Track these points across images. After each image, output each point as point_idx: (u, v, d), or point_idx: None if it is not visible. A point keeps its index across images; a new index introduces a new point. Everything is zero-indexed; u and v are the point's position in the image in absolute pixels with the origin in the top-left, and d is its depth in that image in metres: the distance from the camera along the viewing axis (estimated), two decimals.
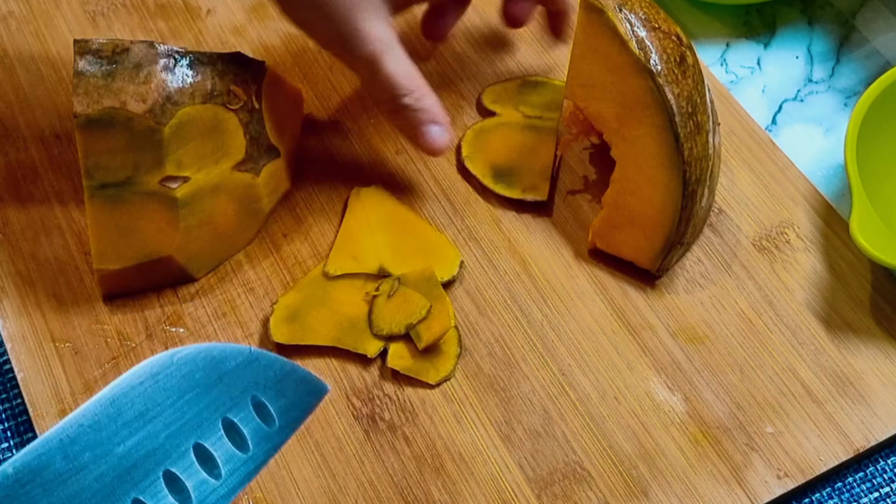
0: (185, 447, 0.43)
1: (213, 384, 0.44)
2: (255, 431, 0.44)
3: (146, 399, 0.42)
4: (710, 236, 0.63)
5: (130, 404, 0.42)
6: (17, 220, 0.64)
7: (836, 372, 0.58)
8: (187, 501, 0.42)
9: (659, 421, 0.56)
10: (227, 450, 0.43)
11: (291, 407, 0.46)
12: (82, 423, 0.41)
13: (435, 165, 0.66)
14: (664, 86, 0.56)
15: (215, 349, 0.44)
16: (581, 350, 0.59)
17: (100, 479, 0.41)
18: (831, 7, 0.75)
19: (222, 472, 0.43)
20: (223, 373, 0.44)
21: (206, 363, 0.44)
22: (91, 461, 0.41)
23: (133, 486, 0.41)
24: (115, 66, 0.55)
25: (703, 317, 0.60)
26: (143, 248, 0.58)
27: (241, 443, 0.44)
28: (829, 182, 0.66)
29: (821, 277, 0.61)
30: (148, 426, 0.42)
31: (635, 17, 0.57)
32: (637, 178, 0.59)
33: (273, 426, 0.45)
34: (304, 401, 0.47)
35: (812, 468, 0.55)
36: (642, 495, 0.54)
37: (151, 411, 0.42)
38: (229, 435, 0.44)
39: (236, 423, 0.44)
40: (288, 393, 0.46)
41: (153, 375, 0.42)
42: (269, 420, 0.45)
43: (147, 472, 0.42)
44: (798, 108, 0.70)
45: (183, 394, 0.43)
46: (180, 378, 0.43)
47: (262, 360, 0.45)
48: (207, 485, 0.43)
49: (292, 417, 0.46)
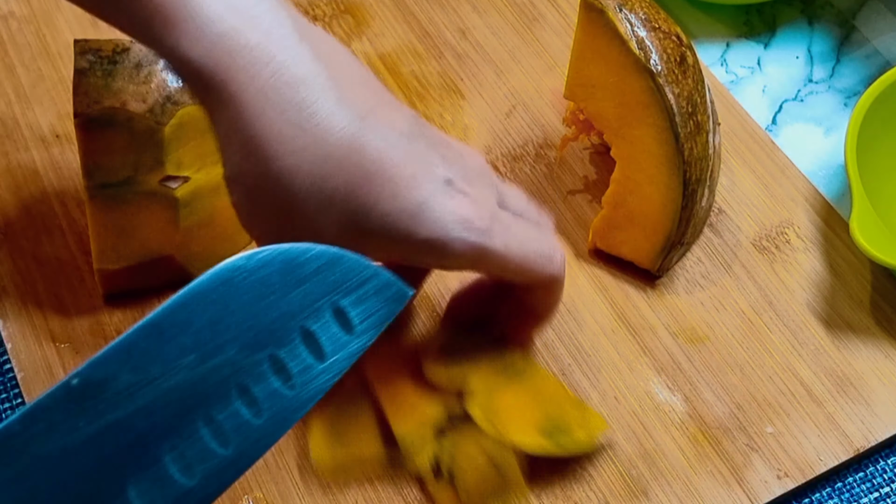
0: (260, 358, 0.40)
1: (291, 289, 0.40)
2: (332, 339, 0.41)
3: (219, 306, 0.39)
4: (711, 236, 0.63)
5: (202, 311, 0.39)
6: (17, 220, 0.64)
7: (836, 372, 0.58)
8: (260, 415, 0.39)
9: (659, 421, 0.56)
10: (303, 361, 0.40)
11: (372, 312, 0.42)
12: (150, 333, 0.38)
13: None
14: (664, 86, 0.56)
15: (296, 250, 0.40)
16: (581, 350, 0.59)
17: (169, 392, 0.38)
18: (831, 7, 0.75)
19: (296, 384, 0.40)
20: (303, 276, 0.40)
21: (284, 266, 0.40)
22: (160, 374, 0.38)
23: (203, 402, 0.38)
24: (115, 66, 0.55)
25: (704, 317, 0.60)
26: (143, 248, 0.58)
27: (318, 353, 0.41)
28: (829, 182, 0.66)
29: (821, 277, 0.61)
30: (220, 336, 0.39)
31: (635, 17, 0.56)
32: (637, 178, 0.59)
33: (352, 334, 0.41)
34: (385, 306, 0.42)
35: (812, 468, 0.55)
36: (642, 495, 0.54)
37: (224, 320, 0.39)
38: (307, 344, 0.40)
39: (314, 332, 0.40)
40: (370, 298, 0.42)
41: (227, 280, 0.39)
42: (349, 327, 0.41)
43: (218, 386, 0.39)
44: (798, 108, 0.70)
45: (258, 300, 0.39)
46: (256, 282, 0.39)
47: (346, 263, 0.41)
48: (282, 399, 0.40)
49: (372, 324, 0.42)
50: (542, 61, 0.71)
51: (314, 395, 0.41)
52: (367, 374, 0.54)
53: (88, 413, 0.37)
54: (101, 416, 0.37)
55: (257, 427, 0.40)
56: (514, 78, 0.70)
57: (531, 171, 0.66)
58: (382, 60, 0.71)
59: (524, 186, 0.65)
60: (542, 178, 0.66)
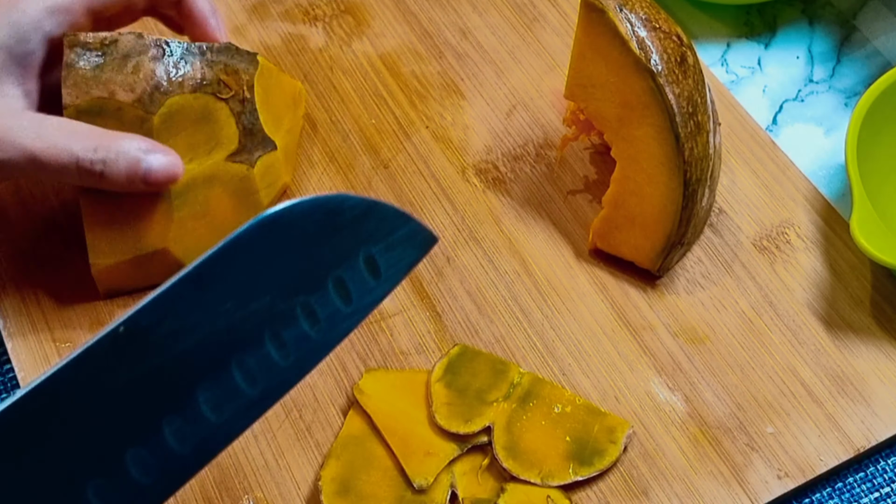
0: (293, 304, 0.41)
1: (328, 238, 0.42)
2: (360, 285, 0.42)
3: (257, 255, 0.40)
4: (711, 236, 0.63)
5: (242, 260, 0.40)
6: (17, 220, 0.64)
7: (836, 372, 0.58)
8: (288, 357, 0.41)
9: (659, 421, 0.56)
10: (331, 307, 0.42)
11: (399, 259, 0.43)
12: (194, 280, 0.40)
13: (436, 165, 0.66)
14: (665, 86, 0.56)
15: (333, 200, 0.42)
16: (581, 350, 0.59)
17: (208, 338, 0.40)
18: (832, 7, 0.75)
19: (323, 328, 0.42)
20: (338, 225, 0.42)
21: (323, 216, 0.41)
22: (200, 321, 0.40)
23: (238, 346, 0.40)
24: (103, 58, 0.55)
25: (704, 317, 0.60)
26: (137, 242, 0.58)
27: (345, 298, 0.42)
28: (829, 182, 0.66)
29: (821, 277, 0.61)
30: (258, 284, 0.40)
31: (636, 17, 0.56)
32: (637, 178, 0.59)
33: (379, 280, 0.43)
34: (412, 253, 0.44)
35: (812, 468, 0.55)
36: (642, 495, 0.54)
37: (263, 269, 0.40)
38: (336, 290, 0.42)
39: (344, 279, 0.42)
40: (398, 245, 0.43)
41: (267, 230, 0.40)
42: (377, 274, 0.43)
43: (253, 331, 0.40)
44: (798, 108, 0.70)
45: (296, 249, 0.41)
46: (295, 232, 0.41)
47: (379, 211, 0.43)
48: (308, 342, 0.42)
49: (398, 270, 0.43)
50: (542, 61, 0.71)
51: (338, 339, 0.42)
52: (377, 420, 0.55)
53: (132, 358, 0.39)
54: (144, 360, 0.39)
55: (283, 368, 0.41)
56: (514, 78, 0.70)
57: (531, 171, 0.66)
58: (383, 60, 0.71)
59: (524, 186, 0.65)
60: (542, 178, 0.66)
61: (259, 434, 0.56)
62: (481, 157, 0.67)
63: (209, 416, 0.40)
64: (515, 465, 0.53)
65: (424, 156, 0.66)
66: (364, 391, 0.56)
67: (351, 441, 0.55)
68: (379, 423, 0.54)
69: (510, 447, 0.54)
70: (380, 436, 0.54)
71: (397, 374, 0.57)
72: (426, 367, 0.58)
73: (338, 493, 0.53)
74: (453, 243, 0.63)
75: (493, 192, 0.65)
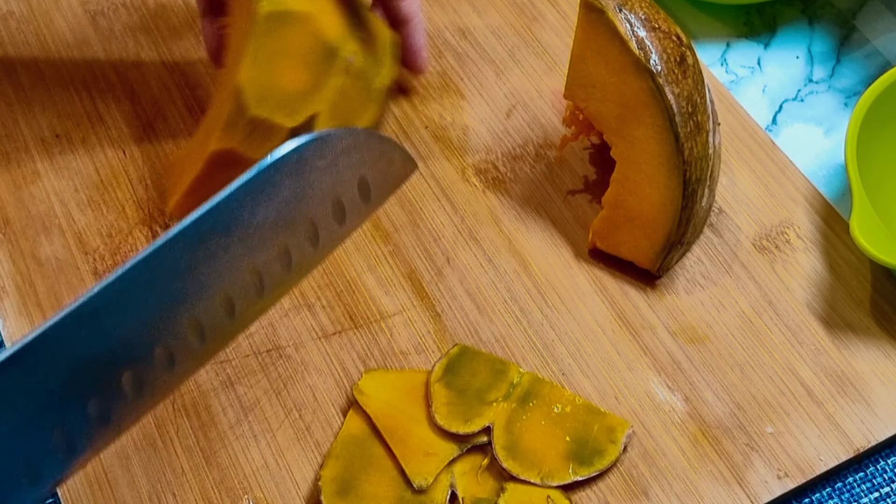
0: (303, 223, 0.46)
1: (326, 168, 0.46)
2: (353, 206, 0.48)
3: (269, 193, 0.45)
4: (711, 236, 0.63)
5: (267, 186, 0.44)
6: (17, 220, 0.64)
7: (836, 372, 0.58)
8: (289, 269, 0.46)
9: (659, 421, 0.56)
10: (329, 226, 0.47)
11: (385, 182, 0.49)
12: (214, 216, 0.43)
13: (435, 165, 0.66)
14: (664, 86, 0.56)
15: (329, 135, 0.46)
16: (581, 350, 0.59)
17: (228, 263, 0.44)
18: (832, 7, 0.75)
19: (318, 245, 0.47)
20: (336, 155, 0.46)
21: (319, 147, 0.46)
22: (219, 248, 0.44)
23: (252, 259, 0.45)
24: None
25: (704, 317, 0.60)
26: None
27: (340, 218, 0.47)
28: (829, 182, 0.66)
29: (821, 277, 0.61)
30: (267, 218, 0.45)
31: (635, 17, 0.56)
32: (637, 178, 0.59)
33: (368, 201, 0.48)
34: (396, 176, 0.50)
35: (812, 468, 0.55)
36: (642, 495, 0.54)
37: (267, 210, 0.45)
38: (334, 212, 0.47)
39: (342, 201, 0.47)
40: (385, 169, 0.49)
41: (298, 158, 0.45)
42: (367, 196, 0.48)
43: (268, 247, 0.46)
44: (798, 108, 0.70)
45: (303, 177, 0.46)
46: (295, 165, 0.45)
47: (371, 140, 0.48)
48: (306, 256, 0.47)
49: (384, 191, 0.49)
50: (542, 61, 0.71)
51: (328, 253, 0.49)
52: (376, 420, 0.55)
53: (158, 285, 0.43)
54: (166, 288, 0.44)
55: (286, 280, 0.48)
56: (514, 78, 0.70)
57: (531, 171, 0.66)
58: None
59: (524, 186, 0.65)
60: (542, 178, 0.66)
61: (259, 434, 0.56)
62: (481, 157, 0.67)
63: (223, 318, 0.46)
64: (515, 465, 0.53)
65: (424, 156, 0.66)
66: (364, 391, 0.56)
67: (351, 441, 0.55)
68: (379, 424, 0.54)
69: (510, 447, 0.54)
70: (379, 436, 0.54)
71: (397, 375, 0.57)
72: (426, 367, 0.58)
73: (337, 493, 0.53)
74: (453, 243, 0.63)
75: (492, 192, 0.65)
